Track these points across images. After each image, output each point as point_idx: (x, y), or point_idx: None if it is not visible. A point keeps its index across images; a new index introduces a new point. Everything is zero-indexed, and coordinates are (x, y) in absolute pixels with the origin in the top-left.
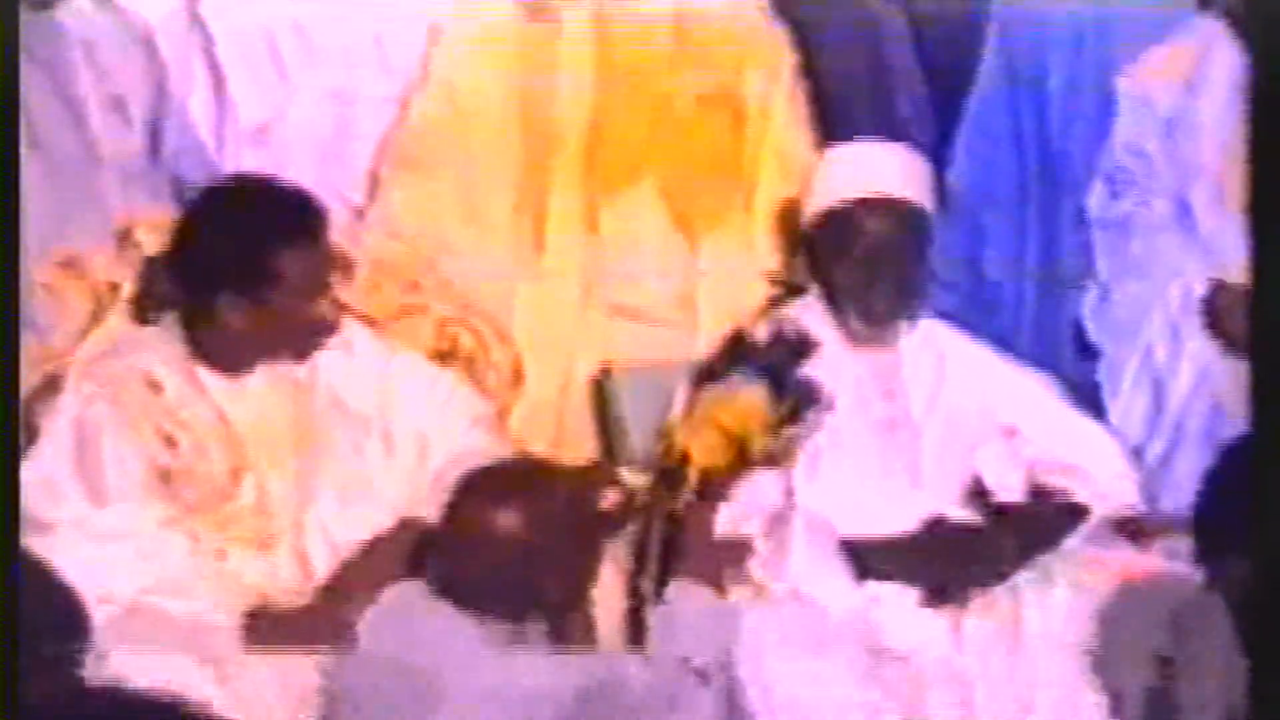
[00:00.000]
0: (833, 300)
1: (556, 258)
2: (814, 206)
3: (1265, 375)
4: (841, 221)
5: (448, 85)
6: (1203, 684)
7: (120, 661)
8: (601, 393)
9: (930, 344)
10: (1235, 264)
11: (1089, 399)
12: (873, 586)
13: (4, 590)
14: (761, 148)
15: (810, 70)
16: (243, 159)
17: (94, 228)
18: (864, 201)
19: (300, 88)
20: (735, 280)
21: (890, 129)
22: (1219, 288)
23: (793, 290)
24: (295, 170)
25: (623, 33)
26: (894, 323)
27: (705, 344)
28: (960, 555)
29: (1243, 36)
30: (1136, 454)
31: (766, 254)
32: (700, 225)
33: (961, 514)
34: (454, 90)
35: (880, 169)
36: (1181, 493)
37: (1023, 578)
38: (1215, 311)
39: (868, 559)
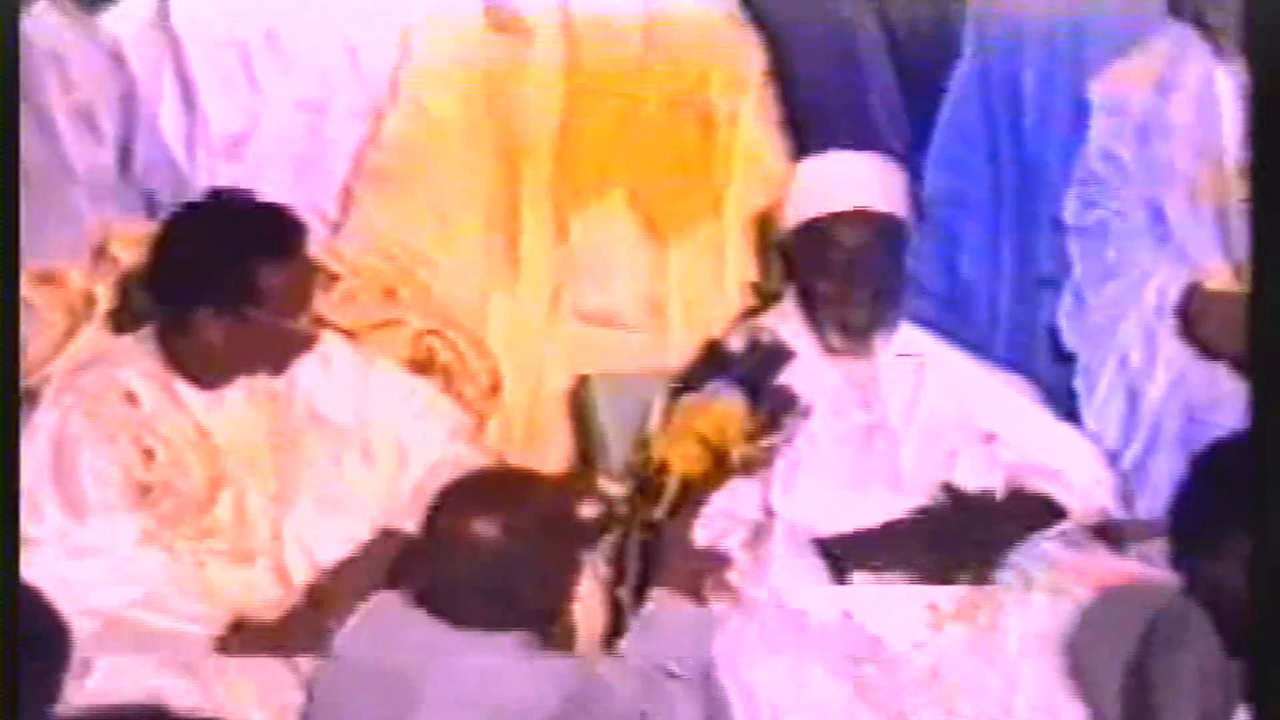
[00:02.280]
0: (810, 311)
1: (529, 268)
2: (791, 217)
3: (1262, 384)
4: (819, 233)
5: (417, 102)
6: (1181, 689)
7: (101, 675)
8: (579, 402)
9: (907, 351)
10: (1209, 267)
11: (1064, 404)
12: (853, 592)
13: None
14: (730, 153)
15: (783, 75)
16: (216, 172)
17: (69, 241)
18: (841, 214)
19: (273, 99)
20: (706, 286)
21: (864, 134)
22: (1193, 292)
23: (770, 299)
24: (269, 183)
25: (592, 39)
26: (871, 335)
27: (677, 350)
28: (946, 538)
29: (1242, 46)
30: (1112, 458)
31: (736, 260)
32: (670, 232)
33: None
34: (423, 107)
35: (857, 180)
36: (1158, 497)
37: (1001, 582)
38: (1189, 315)
39: (850, 550)
